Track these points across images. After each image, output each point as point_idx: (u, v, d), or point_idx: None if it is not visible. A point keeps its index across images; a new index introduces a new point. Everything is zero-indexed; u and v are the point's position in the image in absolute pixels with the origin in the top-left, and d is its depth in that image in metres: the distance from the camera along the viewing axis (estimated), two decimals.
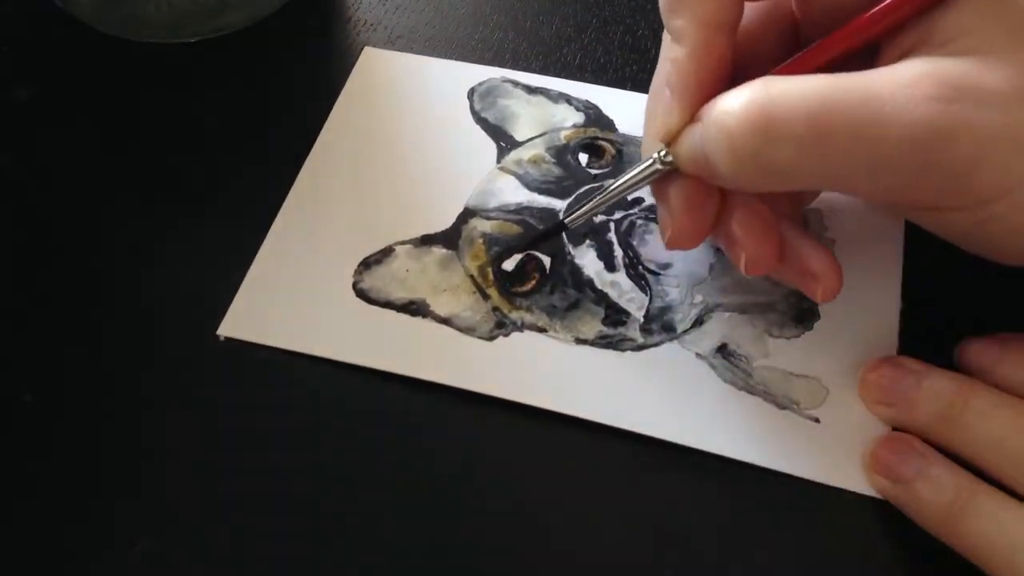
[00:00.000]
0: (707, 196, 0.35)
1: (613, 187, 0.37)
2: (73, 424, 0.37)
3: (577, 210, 0.38)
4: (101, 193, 0.43)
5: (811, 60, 0.34)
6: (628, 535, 0.35)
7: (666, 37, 0.36)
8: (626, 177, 0.37)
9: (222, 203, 0.43)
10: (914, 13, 0.32)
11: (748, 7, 0.36)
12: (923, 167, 0.31)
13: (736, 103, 0.32)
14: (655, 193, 0.37)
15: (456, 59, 0.47)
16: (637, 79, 0.47)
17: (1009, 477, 0.33)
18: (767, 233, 0.36)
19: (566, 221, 0.39)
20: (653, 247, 0.41)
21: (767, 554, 0.35)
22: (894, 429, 0.36)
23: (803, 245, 0.36)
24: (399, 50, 0.48)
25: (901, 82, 0.31)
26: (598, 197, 0.38)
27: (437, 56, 0.47)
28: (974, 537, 0.33)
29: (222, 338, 0.39)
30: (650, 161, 0.35)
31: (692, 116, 0.34)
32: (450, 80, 0.46)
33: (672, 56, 0.35)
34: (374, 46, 0.48)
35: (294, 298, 0.40)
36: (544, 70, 0.47)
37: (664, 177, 0.36)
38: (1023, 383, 0.35)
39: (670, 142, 0.35)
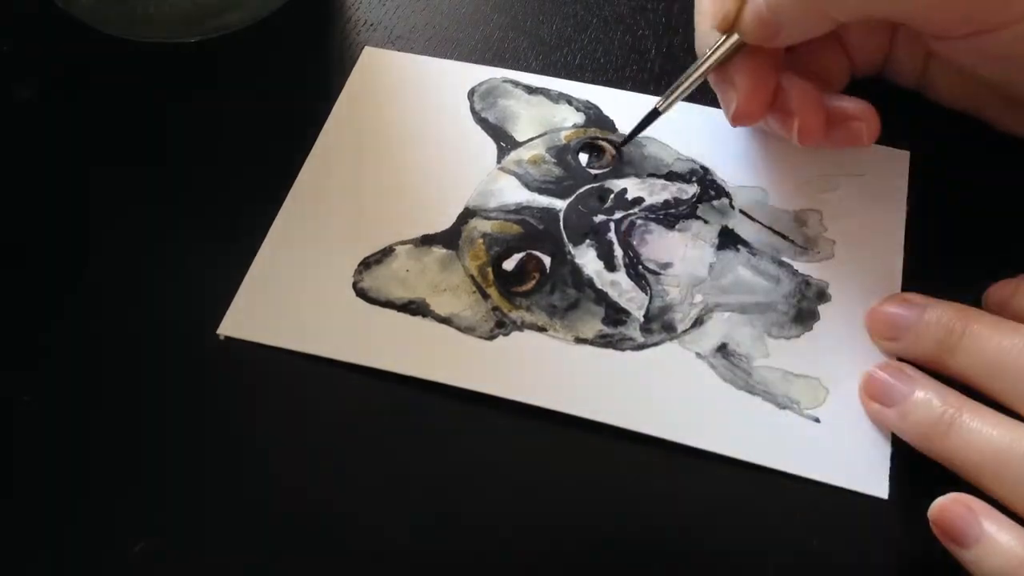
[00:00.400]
0: (767, 72, 0.40)
1: (693, 74, 0.41)
2: (73, 424, 0.37)
3: (671, 95, 0.42)
4: (101, 193, 0.43)
5: None
6: (627, 534, 0.35)
7: None
8: (702, 64, 0.40)
9: (222, 203, 0.43)
10: None
11: None
12: None
13: None
14: (717, 81, 0.41)
15: (456, 59, 0.47)
16: (637, 79, 0.47)
17: (1004, 397, 0.34)
18: (816, 104, 0.40)
19: (660, 109, 0.42)
20: (653, 247, 0.41)
21: (766, 552, 0.35)
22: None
23: (841, 101, 0.41)
24: (399, 50, 0.48)
25: None
26: (683, 81, 0.41)
27: (437, 56, 0.47)
28: (962, 452, 0.34)
29: (222, 337, 0.39)
30: (720, 42, 0.40)
31: None
32: (450, 80, 0.46)
33: None
34: (374, 46, 0.48)
35: (294, 298, 0.40)
36: (544, 70, 0.47)
37: (724, 63, 0.40)
38: None
39: (728, 29, 0.39)
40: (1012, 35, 0.36)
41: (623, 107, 0.45)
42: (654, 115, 0.42)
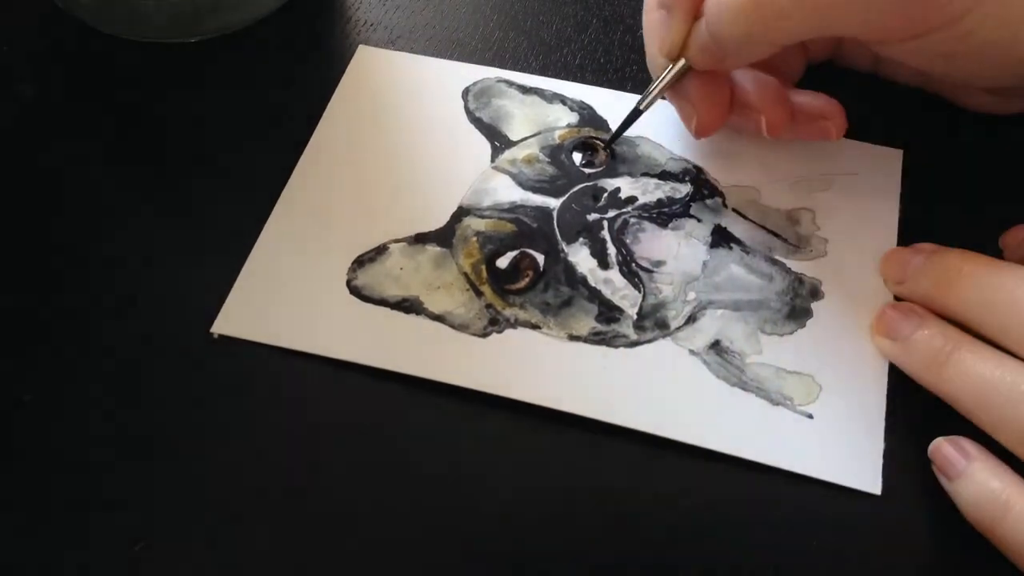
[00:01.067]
0: (720, 85, 0.41)
1: (646, 98, 0.42)
2: (73, 424, 0.38)
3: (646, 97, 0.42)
4: (99, 192, 0.44)
5: None
6: (621, 530, 0.35)
7: None
8: (652, 89, 0.41)
9: (218, 202, 0.43)
10: None
11: None
12: None
13: None
14: (673, 97, 0.42)
15: (456, 59, 0.47)
16: (637, 79, 0.47)
17: (995, 333, 0.36)
18: (779, 97, 0.41)
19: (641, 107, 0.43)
20: (646, 245, 0.41)
21: (760, 549, 0.35)
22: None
23: (806, 97, 0.42)
24: (399, 50, 0.48)
25: None
26: (651, 89, 0.42)
27: (436, 57, 0.48)
28: (955, 383, 0.36)
29: (216, 336, 0.39)
30: (668, 69, 0.40)
31: (689, 28, 0.39)
32: (445, 80, 0.46)
33: None
34: (374, 46, 0.48)
35: (288, 296, 0.40)
36: (544, 70, 0.47)
37: (679, 81, 0.41)
38: None
39: (676, 57, 0.40)
40: (952, 35, 0.36)
41: (617, 107, 0.45)
42: (634, 115, 0.43)
